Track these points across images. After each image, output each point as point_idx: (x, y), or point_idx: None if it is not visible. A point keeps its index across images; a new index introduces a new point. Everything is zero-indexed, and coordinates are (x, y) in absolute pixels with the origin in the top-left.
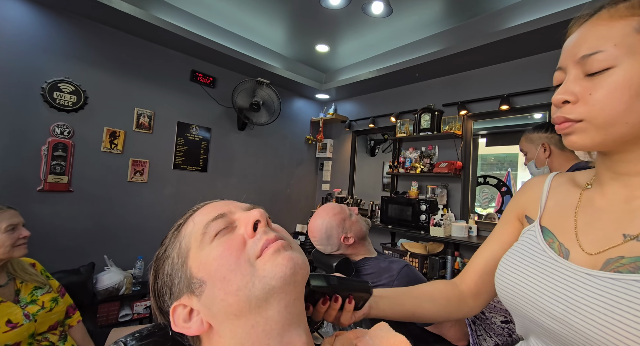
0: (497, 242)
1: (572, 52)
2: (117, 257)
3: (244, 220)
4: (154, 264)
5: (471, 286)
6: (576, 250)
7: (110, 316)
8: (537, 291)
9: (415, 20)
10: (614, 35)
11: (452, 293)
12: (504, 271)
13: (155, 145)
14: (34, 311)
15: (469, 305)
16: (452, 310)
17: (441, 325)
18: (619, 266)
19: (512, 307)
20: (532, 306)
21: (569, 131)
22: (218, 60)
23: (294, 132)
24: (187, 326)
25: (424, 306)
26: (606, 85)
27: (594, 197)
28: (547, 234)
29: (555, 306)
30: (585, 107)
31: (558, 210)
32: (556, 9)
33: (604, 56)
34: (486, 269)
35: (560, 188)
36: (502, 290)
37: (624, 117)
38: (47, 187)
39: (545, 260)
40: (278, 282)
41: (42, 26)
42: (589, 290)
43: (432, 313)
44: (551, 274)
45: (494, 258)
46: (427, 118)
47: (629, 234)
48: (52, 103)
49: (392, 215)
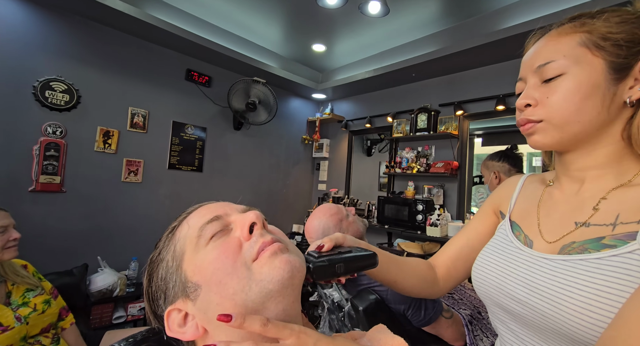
0: (472, 231)
1: (529, 64)
2: (111, 258)
3: (240, 223)
4: (147, 267)
5: (443, 270)
6: (538, 240)
7: (104, 318)
8: (504, 277)
9: (412, 20)
10: (563, 48)
11: (429, 274)
12: (479, 265)
13: (149, 144)
14: (26, 313)
15: (439, 286)
16: (425, 288)
17: (438, 325)
18: (570, 250)
19: (484, 295)
20: (500, 292)
21: (531, 131)
22: (214, 60)
23: (290, 132)
24: (182, 331)
25: (406, 278)
26: (560, 89)
27: (553, 192)
28: (515, 228)
29: (518, 290)
30: (544, 108)
31: (525, 206)
32: (551, 10)
33: (556, 65)
34: (459, 256)
35: (530, 186)
36: (476, 281)
37: (576, 116)
38: (39, 187)
39: (512, 250)
40: (275, 286)
41: (34, 24)
42: (546, 272)
43: (410, 286)
44: (516, 262)
45: (468, 246)
46: (423, 118)
47: (579, 221)
48: (44, 102)
49: (389, 215)
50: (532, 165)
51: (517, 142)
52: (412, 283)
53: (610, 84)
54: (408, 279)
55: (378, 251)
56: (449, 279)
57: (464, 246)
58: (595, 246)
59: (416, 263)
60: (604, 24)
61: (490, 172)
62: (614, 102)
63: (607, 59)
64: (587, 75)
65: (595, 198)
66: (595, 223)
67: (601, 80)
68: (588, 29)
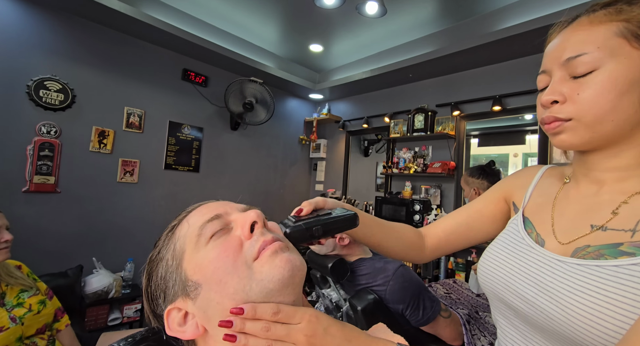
0: (475, 212)
1: (556, 56)
2: (107, 259)
3: (241, 222)
4: (147, 266)
5: (434, 240)
6: (551, 239)
7: (99, 320)
8: (512, 275)
9: (409, 21)
10: (596, 39)
11: (416, 241)
12: (487, 259)
13: (145, 144)
14: (21, 314)
15: (425, 254)
16: (410, 253)
17: (436, 325)
18: (584, 254)
19: (490, 291)
20: (507, 289)
21: (558, 130)
22: (210, 59)
23: (287, 132)
24: (182, 330)
25: (390, 241)
26: (593, 85)
27: (570, 190)
28: (527, 224)
29: (527, 289)
30: (574, 106)
31: (540, 202)
32: (548, 11)
33: (588, 58)
34: (454, 230)
35: (548, 180)
36: (483, 275)
37: (610, 115)
38: (33, 188)
39: (523, 248)
40: (276, 285)
41: (28, 22)
42: (558, 274)
43: (394, 249)
44: (526, 260)
45: (466, 223)
46: (420, 119)
47: (595, 225)
48: (38, 101)
49: (386, 215)
50: (528, 165)
51: (513, 143)
52: (397, 248)
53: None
54: (393, 243)
55: (362, 213)
56: (436, 250)
57: (462, 223)
58: (612, 252)
59: (403, 229)
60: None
61: (470, 188)
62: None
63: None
64: (625, 70)
65: (615, 202)
66: (613, 228)
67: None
68: (626, 16)
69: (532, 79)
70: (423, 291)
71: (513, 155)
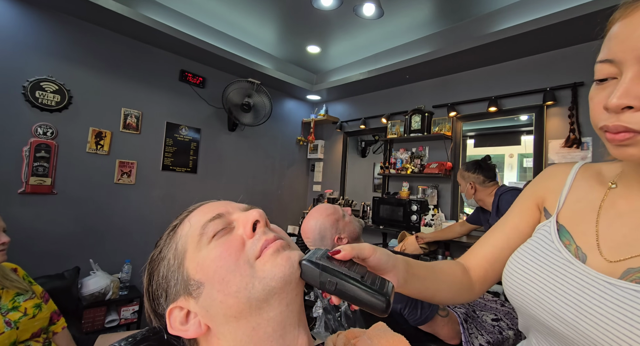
0: (513, 230)
1: (631, 45)
2: (104, 261)
3: (243, 221)
4: (148, 266)
5: (479, 272)
6: (594, 254)
7: (96, 321)
8: (547, 293)
9: (406, 22)
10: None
11: (465, 279)
12: (513, 269)
13: (143, 146)
14: (16, 318)
15: (474, 291)
16: (463, 295)
17: (434, 324)
18: (638, 278)
19: (519, 305)
20: (541, 307)
21: (628, 143)
22: (208, 60)
23: (285, 133)
24: (184, 329)
25: (443, 290)
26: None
27: (618, 199)
28: (563, 234)
29: (566, 311)
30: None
31: (579, 208)
32: (543, 12)
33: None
34: (498, 257)
35: (585, 182)
36: (510, 288)
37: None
38: (29, 189)
39: (559, 261)
40: (278, 283)
41: (24, 23)
42: (606, 298)
43: (447, 297)
44: (564, 277)
45: (508, 247)
46: (417, 120)
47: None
48: (34, 102)
49: (384, 216)
50: (523, 165)
51: (509, 144)
52: (450, 294)
53: None
54: (446, 291)
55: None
56: (485, 282)
57: (504, 247)
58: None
59: (451, 269)
60: None
61: (466, 182)
62: None
63: None
64: None
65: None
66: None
67: None
68: None
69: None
70: None
71: (509, 155)
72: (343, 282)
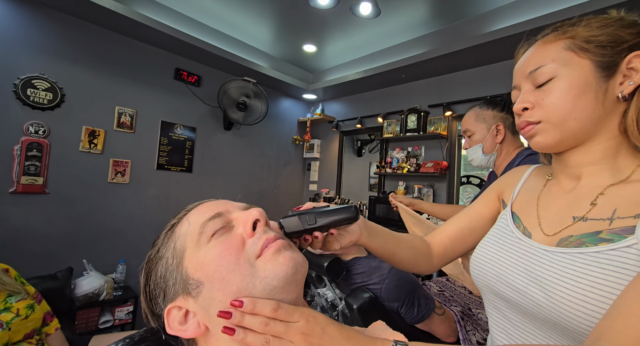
0: (475, 214)
1: (521, 72)
2: (97, 261)
3: (243, 220)
4: (145, 266)
5: (440, 247)
6: (537, 232)
7: (90, 322)
8: (504, 267)
9: (402, 22)
10: (550, 54)
11: (425, 248)
12: (480, 254)
13: (137, 144)
14: (8, 319)
15: (433, 263)
16: (420, 262)
17: (431, 322)
18: (567, 244)
19: (482, 283)
20: (499, 280)
21: (532, 133)
22: (203, 59)
23: (281, 132)
24: (183, 328)
25: (403, 251)
26: (554, 90)
27: (552, 187)
28: (515, 219)
29: (518, 279)
30: (541, 110)
31: (526, 198)
32: (538, 13)
33: (546, 69)
34: (458, 235)
35: (534, 178)
36: (475, 269)
37: (572, 113)
38: (20, 189)
39: (512, 240)
40: (279, 282)
41: (15, 19)
42: (544, 263)
43: (407, 259)
44: (516, 251)
45: (469, 227)
46: (413, 119)
47: (577, 216)
48: (26, 100)
49: (380, 215)
50: None
51: None
52: (410, 258)
53: (600, 81)
54: (405, 253)
55: (374, 223)
56: (444, 257)
57: (465, 227)
58: (592, 240)
59: (412, 238)
60: (585, 29)
61: (489, 126)
62: (607, 98)
63: (593, 59)
64: (577, 75)
65: (593, 194)
66: (593, 218)
67: (591, 78)
68: (571, 35)
69: None
70: (418, 289)
71: None
72: (319, 212)
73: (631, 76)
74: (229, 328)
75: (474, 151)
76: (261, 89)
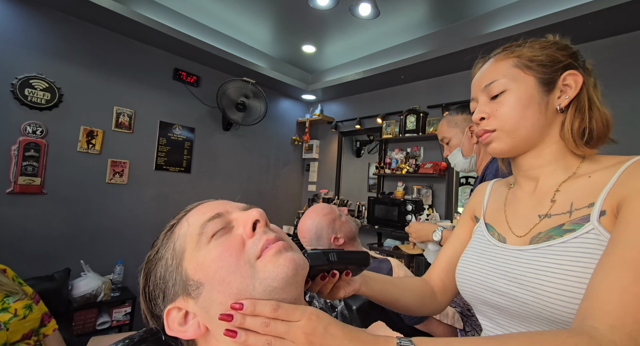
0: (457, 240)
1: (478, 85)
2: (95, 262)
3: (243, 220)
4: (144, 267)
5: (438, 283)
6: (510, 235)
7: (87, 324)
8: (486, 273)
9: (402, 23)
10: (501, 70)
11: (426, 289)
12: (462, 267)
13: (135, 145)
14: (6, 319)
15: (438, 300)
16: (426, 304)
17: (430, 323)
18: (538, 240)
19: (469, 294)
20: (483, 287)
21: (489, 140)
22: (202, 59)
23: (280, 133)
24: (182, 329)
25: (406, 296)
26: (506, 102)
27: (516, 192)
28: (489, 228)
29: (500, 283)
30: (496, 119)
31: (495, 208)
32: (536, 15)
33: (498, 83)
34: (450, 266)
35: (497, 190)
36: (460, 281)
37: (521, 122)
38: (18, 189)
39: (490, 248)
40: (280, 283)
41: (13, 19)
42: (521, 262)
43: (411, 303)
44: (494, 257)
45: (456, 256)
46: (412, 120)
47: (542, 214)
48: (23, 100)
49: (379, 216)
50: None
51: None
52: (414, 301)
53: (542, 95)
54: (408, 296)
55: (372, 273)
56: (445, 291)
57: (452, 255)
58: (558, 233)
59: (411, 280)
60: (529, 50)
61: (462, 130)
62: (548, 109)
63: (536, 76)
64: (524, 89)
65: (551, 192)
66: (555, 213)
67: (535, 92)
68: (518, 54)
69: None
70: None
71: None
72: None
73: (566, 91)
74: (231, 331)
75: (455, 156)
76: (260, 90)
